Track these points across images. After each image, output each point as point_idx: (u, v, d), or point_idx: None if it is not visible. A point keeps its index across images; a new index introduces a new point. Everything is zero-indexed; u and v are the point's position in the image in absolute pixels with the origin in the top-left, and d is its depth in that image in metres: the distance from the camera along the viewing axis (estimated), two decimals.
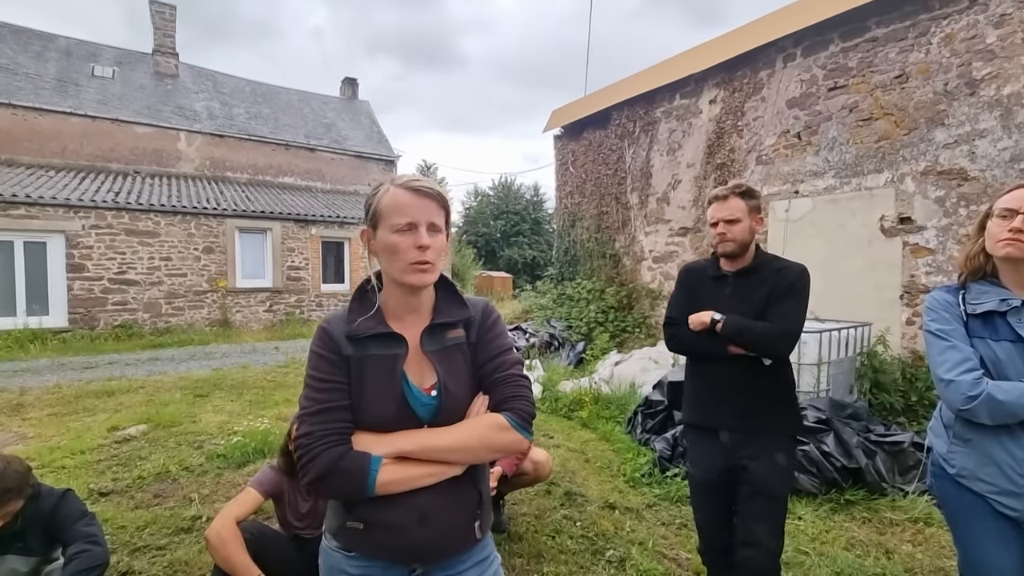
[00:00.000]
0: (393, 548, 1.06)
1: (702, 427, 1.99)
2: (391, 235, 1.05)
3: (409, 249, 1.05)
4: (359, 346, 1.08)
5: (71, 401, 5.65)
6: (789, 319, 1.82)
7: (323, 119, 17.93)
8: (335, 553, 1.10)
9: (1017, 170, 4.42)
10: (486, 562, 1.17)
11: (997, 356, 1.38)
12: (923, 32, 5.01)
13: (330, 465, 0.99)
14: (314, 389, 1.06)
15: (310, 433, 1.02)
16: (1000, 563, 1.41)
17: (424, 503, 1.04)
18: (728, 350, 1.86)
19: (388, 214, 1.06)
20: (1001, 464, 1.37)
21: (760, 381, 1.87)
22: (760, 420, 1.86)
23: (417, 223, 1.05)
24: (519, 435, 1.09)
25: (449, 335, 1.14)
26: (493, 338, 1.17)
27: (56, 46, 14.74)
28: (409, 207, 1.05)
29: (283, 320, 12.67)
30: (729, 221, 1.88)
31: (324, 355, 1.08)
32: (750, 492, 1.85)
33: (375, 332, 1.08)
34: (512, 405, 1.10)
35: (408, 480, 1.03)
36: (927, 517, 2.92)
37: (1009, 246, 1.37)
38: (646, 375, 5.58)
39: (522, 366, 1.17)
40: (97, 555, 1.92)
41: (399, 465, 1.03)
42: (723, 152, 6.94)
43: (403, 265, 1.06)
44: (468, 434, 1.07)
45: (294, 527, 2.24)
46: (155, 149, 13.87)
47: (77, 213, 10.47)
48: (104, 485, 3.43)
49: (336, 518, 1.10)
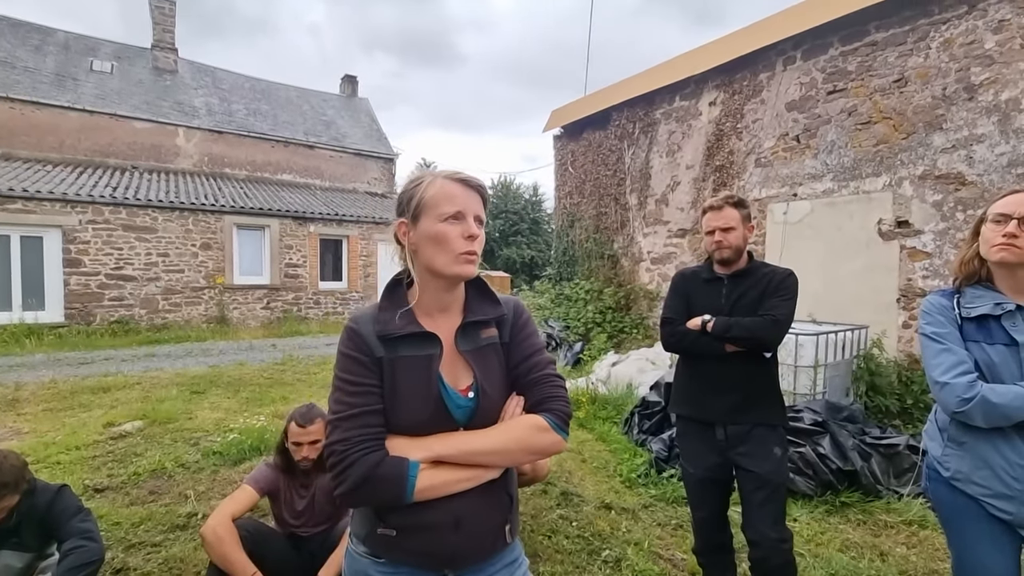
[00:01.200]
0: (427, 554, 1.04)
1: (696, 420, 2.06)
2: (439, 224, 1.03)
3: (458, 239, 1.02)
4: (391, 347, 1.04)
5: (67, 397, 5.63)
6: (776, 312, 1.90)
7: (322, 116, 17.90)
8: (363, 559, 1.07)
9: (1014, 175, 4.44)
10: (515, 564, 1.15)
11: (991, 359, 1.39)
12: (922, 37, 5.03)
13: (367, 473, 0.96)
14: (346, 393, 1.02)
15: (345, 439, 0.98)
16: (993, 566, 1.42)
17: (459, 508, 1.02)
18: (724, 348, 1.94)
19: (436, 204, 1.03)
20: (995, 467, 1.38)
21: (753, 376, 1.96)
22: (754, 414, 1.94)
23: (466, 213, 1.04)
24: (558, 436, 1.07)
25: (483, 334, 1.11)
26: (526, 337, 1.14)
27: (55, 40, 14.67)
28: (458, 197, 1.04)
29: (280, 317, 12.65)
30: (725, 229, 1.99)
31: (355, 356, 1.03)
32: (754, 487, 1.91)
33: (408, 332, 1.04)
34: (550, 406, 1.08)
35: (446, 485, 1.00)
36: (921, 520, 2.93)
37: (1003, 251, 1.38)
38: (643, 376, 5.59)
39: (555, 365, 1.15)
40: (92, 551, 1.91)
41: (437, 470, 1.00)
42: (722, 154, 6.95)
43: (452, 255, 1.03)
44: (507, 437, 1.04)
45: (290, 524, 2.24)
46: (153, 144, 13.83)
47: (74, 208, 10.43)
48: (99, 481, 3.43)
49: (366, 524, 1.06)
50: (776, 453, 1.92)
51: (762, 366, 1.97)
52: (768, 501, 1.89)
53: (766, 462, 1.89)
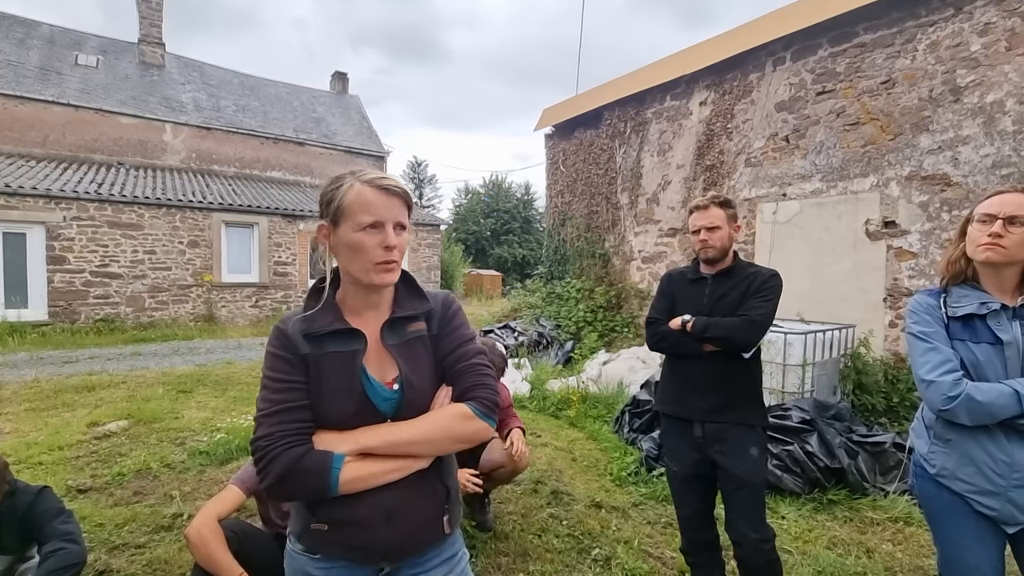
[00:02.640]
0: (360, 548, 1.04)
1: (676, 417, 2.09)
2: (355, 233, 1.02)
3: (375, 248, 1.02)
4: (316, 344, 1.05)
5: (50, 396, 5.53)
6: (754, 312, 1.92)
7: (312, 113, 17.75)
8: (300, 556, 1.08)
9: (998, 176, 4.51)
10: (454, 559, 1.15)
11: (976, 358, 1.41)
12: (910, 39, 5.08)
13: (289, 466, 0.97)
14: (271, 390, 1.03)
15: (269, 435, 0.99)
16: (977, 562, 1.44)
17: (390, 500, 1.03)
18: (703, 348, 1.97)
19: (353, 212, 1.02)
20: (979, 464, 1.40)
21: (734, 377, 1.98)
22: (733, 414, 1.97)
23: (384, 222, 1.03)
24: (484, 423, 1.08)
25: (410, 328, 1.12)
26: (454, 329, 1.15)
27: (39, 33, 14.41)
28: (376, 206, 1.03)
29: (269, 316, 12.53)
30: (711, 228, 2.02)
31: (280, 355, 1.05)
32: (733, 488, 1.93)
33: (333, 329, 1.06)
34: (475, 394, 1.09)
35: (372, 477, 1.01)
36: (907, 517, 2.97)
37: (988, 251, 1.40)
38: (634, 375, 5.61)
39: (484, 356, 1.16)
40: (73, 553, 1.88)
41: (362, 462, 1.01)
42: (712, 154, 6.99)
43: (368, 265, 1.03)
44: (432, 426, 1.05)
45: (277, 525, 2.21)
46: (140, 140, 13.63)
47: (58, 204, 10.25)
48: (82, 482, 3.36)
49: (300, 520, 1.08)
50: (753, 453, 1.94)
51: (743, 366, 1.99)
52: (747, 501, 1.92)
53: (742, 462, 1.92)
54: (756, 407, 2.02)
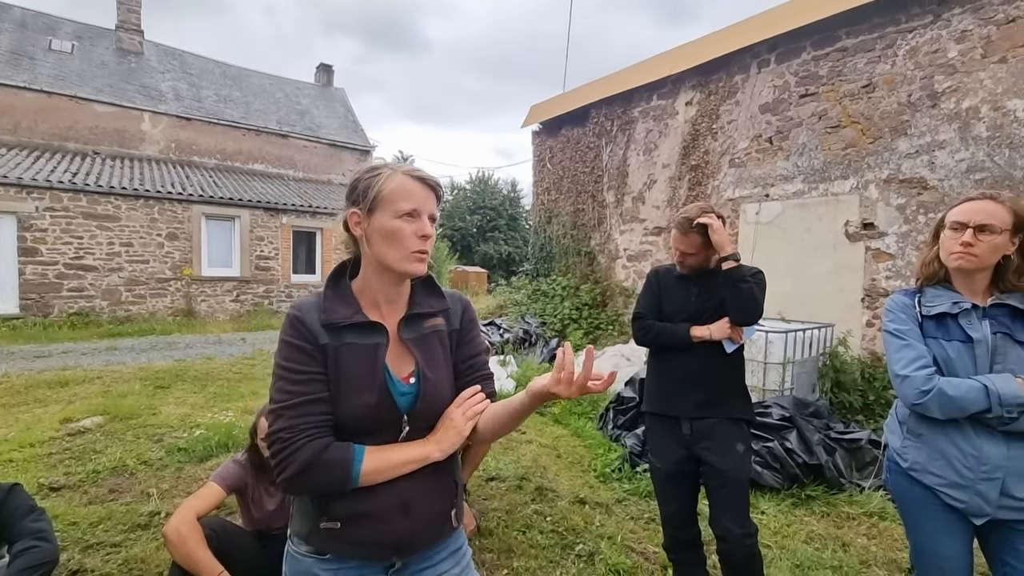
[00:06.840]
0: (374, 543, 1.03)
1: (663, 415, 2.12)
2: (394, 220, 1.03)
3: (412, 237, 1.04)
4: (336, 335, 1.04)
5: (21, 391, 5.37)
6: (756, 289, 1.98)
7: (296, 105, 17.47)
8: (306, 559, 1.05)
9: (973, 180, 4.63)
10: (460, 552, 1.17)
11: (948, 355, 1.46)
12: (890, 44, 5.19)
13: (313, 458, 0.96)
14: (289, 381, 1.01)
15: (291, 427, 0.97)
16: (947, 553, 1.48)
17: (406, 491, 1.03)
18: (691, 339, 2.01)
19: (393, 199, 1.04)
20: (950, 458, 1.45)
21: (719, 372, 2.02)
22: (719, 409, 2.00)
23: (421, 211, 1.05)
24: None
25: (427, 324, 1.14)
26: (475, 336, 1.21)
27: (10, 17, 13.92)
28: (415, 195, 1.05)
29: (251, 311, 12.34)
30: (686, 253, 2.07)
31: (298, 345, 1.02)
32: (718, 483, 1.96)
33: (355, 321, 1.05)
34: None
35: (391, 468, 1.01)
36: (881, 511, 3.05)
37: (960, 259, 1.46)
38: (618, 372, 5.65)
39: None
40: (45, 552, 1.83)
41: (381, 452, 1.02)
42: (698, 154, 7.06)
43: (404, 252, 1.04)
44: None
45: (259, 523, 2.18)
46: (117, 129, 13.26)
47: (30, 194, 9.94)
48: (55, 479, 3.28)
49: (306, 520, 1.05)
50: (739, 449, 1.97)
51: (728, 362, 2.03)
52: (732, 497, 1.95)
53: (728, 458, 1.95)
54: (741, 401, 2.06)
